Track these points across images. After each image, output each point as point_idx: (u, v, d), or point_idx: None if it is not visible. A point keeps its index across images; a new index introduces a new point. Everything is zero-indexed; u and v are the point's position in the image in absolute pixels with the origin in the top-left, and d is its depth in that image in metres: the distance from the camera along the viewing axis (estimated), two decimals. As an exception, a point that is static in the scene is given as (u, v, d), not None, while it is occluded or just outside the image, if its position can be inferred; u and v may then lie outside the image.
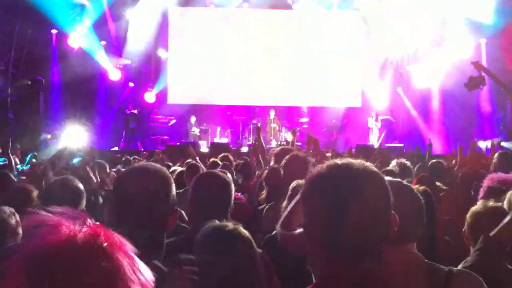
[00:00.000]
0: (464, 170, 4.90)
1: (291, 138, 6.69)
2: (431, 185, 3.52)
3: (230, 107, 16.80)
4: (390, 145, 14.40)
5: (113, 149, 13.82)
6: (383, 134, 15.57)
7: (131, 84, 16.32)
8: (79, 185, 2.98)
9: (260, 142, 6.00)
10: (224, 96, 16.77)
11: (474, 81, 8.94)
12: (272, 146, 13.00)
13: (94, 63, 15.45)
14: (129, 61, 16.34)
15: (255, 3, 16.55)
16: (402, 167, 4.78)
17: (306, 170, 1.24)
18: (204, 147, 14.15)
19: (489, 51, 14.22)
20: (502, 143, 10.25)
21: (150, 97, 16.38)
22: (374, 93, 16.82)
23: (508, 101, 12.37)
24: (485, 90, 13.72)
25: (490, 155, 6.34)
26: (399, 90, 16.71)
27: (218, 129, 16.11)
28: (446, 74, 14.58)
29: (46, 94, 14.52)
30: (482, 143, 11.97)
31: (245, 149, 12.86)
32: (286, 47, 17.07)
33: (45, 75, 14.58)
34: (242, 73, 16.84)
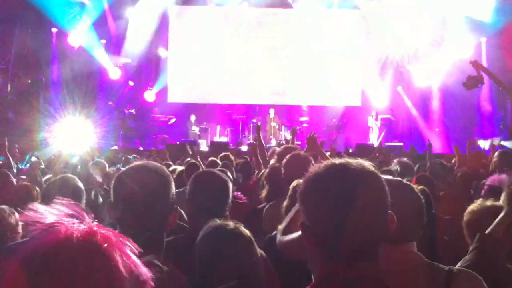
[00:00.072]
0: (463, 169, 4.91)
1: (291, 137, 6.68)
2: (430, 184, 3.52)
3: (230, 106, 16.79)
4: (390, 144, 14.39)
5: (112, 148, 13.81)
6: (383, 133, 15.57)
7: (131, 83, 16.31)
8: (79, 184, 2.98)
9: (260, 141, 5.99)
10: (224, 95, 16.76)
11: (472, 80, 8.92)
12: (272, 145, 13.00)
13: (94, 62, 15.44)
14: (129, 60, 16.33)
15: (255, 2, 16.54)
16: (403, 166, 4.78)
17: (307, 169, 1.24)
18: (204, 146, 14.17)
19: (489, 50, 14.22)
20: (502, 142, 10.25)
21: (150, 96, 16.38)
22: (374, 92, 16.81)
23: (508, 100, 12.37)
24: (485, 90, 13.74)
25: (490, 155, 6.34)
26: (399, 89, 16.69)
27: (218, 128, 16.12)
28: (446, 73, 14.58)
29: (46, 93, 14.52)
30: (482, 142, 11.98)
31: (244, 148, 12.86)
32: (286, 46, 17.06)
33: (45, 74, 14.59)
34: (242, 71, 16.84)
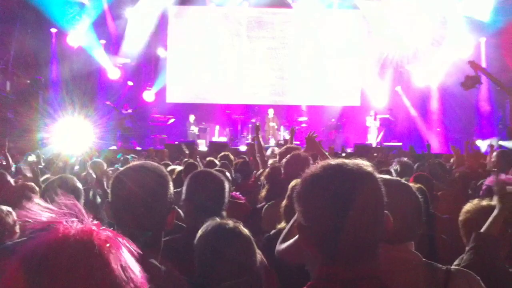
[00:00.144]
0: (462, 169, 4.91)
1: (290, 137, 6.68)
2: (428, 183, 3.52)
3: (229, 106, 16.79)
4: (388, 144, 14.40)
5: (111, 148, 13.81)
6: (382, 133, 15.58)
7: (130, 83, 16.30)
8: (77, 183, 2.98)
9: (259, 141, 5.99)
10: (223, 95, 16.76)
11: (470, 80, 8.92)
12: (270, 145, 12.99)
13: (93, 62, 15.44)
14: (128, 60, 16.32)
15: (255, 2, 16.54)
16: (403, 166, 4.79)
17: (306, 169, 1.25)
18: (203, 146, 14.17)
19: (488, 50, 14.23)
20: (501, 142, 10.26)
21: (149, 96, 16.38)
22: (373, 92, 16.82)
23: (507, 100, 12.37)
24: (484, 90, 13.76)
25: (489, 154, 6.35)
26: (398, 89, 16.70)
27: (217, 128, 16.10)
28: (446, 73, 14.59)
29: (46, 93, 14.50)
30: (481, 142, 11.98)
31: (243, 148, 12.86)
32: (285, 46, 17.06)
33: (44, 74, 14.58)
34: (241, 71, 16.84)
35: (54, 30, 15.02)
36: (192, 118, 15.74)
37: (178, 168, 5.44)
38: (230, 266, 1.81)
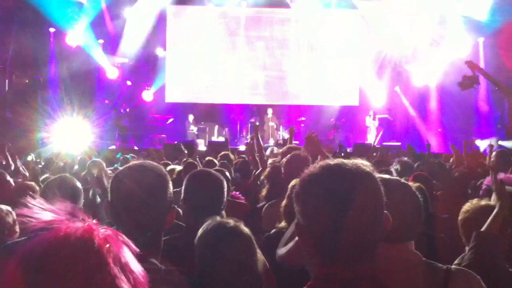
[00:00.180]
0: (461, 169, 4.92)
1: (289, 137, 6.68)
2: (427, 183, 3.53)
3: (228, 106, 16.80)
4: (387, 143, 14.40)
5: (110, 147, 13.81)
6: (381, 133, 15.58)
7: (129, 82, 16.28)
8: (77, 183, 2.97)
9: (258, 141, 5.99)
10: (222, 94, 16.76)
11: (467, 80, 8.92)
12: (270, 144, 12.99)
13: (92, 62, 15.41)
14: (127, 59, 16.30)
15: (253, 2, 16.51)
16: (403, 166, 4.80)
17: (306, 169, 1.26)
18: (202, 146, 14.16)
19: (486, 50, 14.24)
20: (500, 142, 10.27)
21: (148, 95, 16.36)
22: (372, 91, 16.82)
23: (505, 100, 12.38)
24: (482, 89, 13.76)
25: (488, 154, 6.36)
26: (397, 88, 16.71)
27: (216, 127, 16.09)
28: (444, 73, 14.59)
29: (44, 92, 14.49)
30: (480, 142, 11.99)
31: (242, 147, 12.85)
32: (283, 46, 17.06)
33: (43, 74, 14.56)
34: (240, 71, 16.83)
35: (52, 30, 14.99)
36: (191, 117, 15.73)
37: (178, 167, 5.44)
38: (230, 265, 1.81)
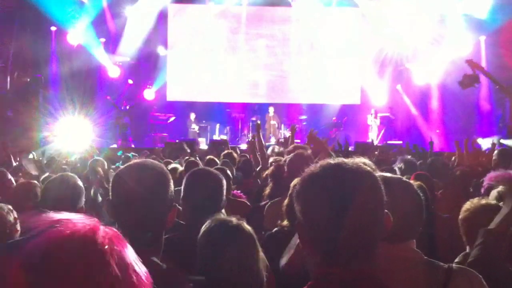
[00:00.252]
0: (462, 167, 4.90)
1: (290, 135, 6.68)
2: (428, 182, 3.52)
3: (229, 104, 16.79)
4: (389, 142, 14.39)
5: (111, 146, 13.81)
6: (382, 132, 15.57)
7: (130, 81, 16.28)
8: (79, 182, 2.97)
9: (259, 139, 6.00)
10: (223, 93, 16.76)
11: (468, 79, 8.89)
12: (271, 143, 12.99)
13: (93, 60, 15.42)
14: (128, 58, 16.30)
15: (254, 0, 16.52)
16: (407, 164, 4.80)
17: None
18: (203, 144, 14.17)
19: (488, 48, 14.22)
20: (502, 141, 10.24)
21: (149, 94, 16.36)
22: (373, 90, 16.81)
23: (507, 98, 12.36)
24: (484, 88, 13.73)
25: (489, 152, 6.34)
26: (399, 87, 16.69)
27: (217, 126, 16.09)
28: (445, 72, 14.57)
29: (45, 91, 14.49)
30: (482, 140, 11.97)
31: (244, 146, 12.86)
32: (285, 44, 17.06)
33: (44, 73, 14.56)
34: (241, 70, 16.83)
35: (53, 29, 15.00)
36: (192, 116, 15.74)
37: (179, 166, 5.44)
38: (231, 263, 1.81)
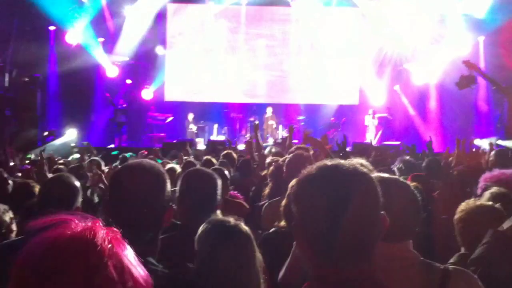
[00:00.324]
0: (460, 168, 4.91)
1: (288, 135, 6.67)
2: (426, 182, 3.53)
3: (227, 105, 16.78)
4: (387, 143, 14.39)
5: (109, 146, 13.81)
6: (380, 132, 15.58)
7: (129, 81, 16.26)
8: (76, 182, 2.96)
9: (257, 140, 6.00)
10: (221, 93, 16.74)
11: (465, 80, 8.92)
12: (269, 143, 13.00)
13: (92, 60, 15.39)
14: (127, 58, 16.28)
15: (253, 0, 16.53)
16: (406, 164, 4.81)
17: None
18: (201, 145, 14.16)
19: (487, 49, 14.23)
20: (499, 141, 10.26)
21: (147, 94, 16.34)
22: (371, 90, 16.81)
23: (505, 99, 12.38)
24: (482, 88, 13.76)
25: (487, 153, 6.35)
26: (397, 87, 16.70)
27: (215, 126, 16.07)
28: (444, 72, 14.58)
29: (44, 91, 14.49)
30: (480, 141, 11.98)
31: (242, 146, 12.86)
32: (283, 44, 17.05)
33: (42, 72, 14.55)
34: (239, 70, 16.82)
35: (52, 28, 14.98)
36: (190, 116, 15.72)
37: (177, 167, 5.44)
38: (227, 263, 1.81)
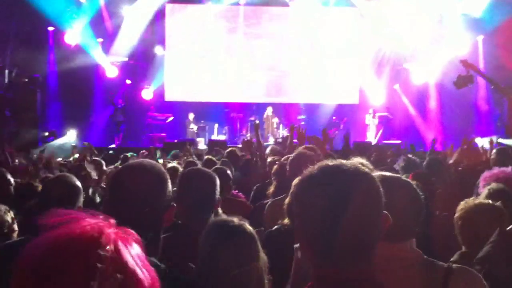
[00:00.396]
0: (461, 166, 4.92)
1: (289, 135, 6.66)
2: (427, 180, 3.53)
3: (227, 104, 16.79)
4: (387, 142, 14.41)
5: (110, 146, 13.80)
6: (381, 131, 15.58)
7: (128, 81, 16.26)
8: (77, 182, 2.96)
9: (258, 139, 6.00)
10: (221, 93, 16.74)
11: (462, 79, 8.93)
12: (270, 143, 13.00)
13: (91, 60, 15.39)
14: (126, 58, 16.27)
15: (252, 0, 16.52)
16: (408, 163, 4.82)
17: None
18: (202, 144, 14.16)
19: (486, 48, 14.23)
20: (500, 140, 10.26)
21: (147, 94, 16.34)
22: (371, 90, 16.82)
23: (505, 98, 12.38)
24: (482, 87, 13.76)
25: (488, 151, 6.35)
26: (397, 87, 16.71)
27: (216, 126, 16.07)
28: (443, 71, 14.59)
29: (43, 91, 14.48)
30: (480, 140, 11.98)
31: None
32: (283, 44, 17.05)
33: (42, 72, 14.55)
34: (239, 70, 16.82)
35: (51, 29, 14.97)
36: (191, 116, 15.73)
37: (179, 166, 5.43)
38: (232, 264, 1.81)
